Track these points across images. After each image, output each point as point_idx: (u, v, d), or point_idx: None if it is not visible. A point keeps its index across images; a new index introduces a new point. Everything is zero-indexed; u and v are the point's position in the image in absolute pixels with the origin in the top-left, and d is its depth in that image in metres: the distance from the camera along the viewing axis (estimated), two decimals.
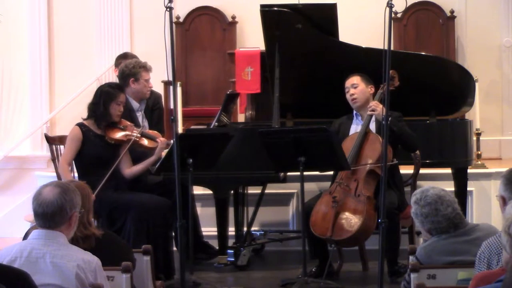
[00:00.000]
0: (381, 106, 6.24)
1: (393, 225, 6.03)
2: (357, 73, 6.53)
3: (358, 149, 6.26)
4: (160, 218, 6.23)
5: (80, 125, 6.43)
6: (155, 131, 6.70)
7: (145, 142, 6.49)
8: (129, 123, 6.50)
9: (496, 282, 3.20)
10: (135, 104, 6.83)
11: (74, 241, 4.01)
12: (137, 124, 6.64)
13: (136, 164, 6.48)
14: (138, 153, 6.53)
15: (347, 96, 6.51)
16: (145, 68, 6.83)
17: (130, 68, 6.81)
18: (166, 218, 6.28)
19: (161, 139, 6.49)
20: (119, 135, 6.41)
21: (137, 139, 6.42)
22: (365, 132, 6.33)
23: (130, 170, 6.43)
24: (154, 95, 7.20)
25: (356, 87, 6.48)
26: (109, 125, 6.40)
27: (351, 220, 6.08)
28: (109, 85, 6.60)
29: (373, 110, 6.30)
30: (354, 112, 6.55)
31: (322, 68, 7.17)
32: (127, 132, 6.42)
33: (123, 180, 6.40)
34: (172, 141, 6.00)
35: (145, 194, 6.41)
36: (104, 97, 6.38)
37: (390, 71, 6.31)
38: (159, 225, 6.22)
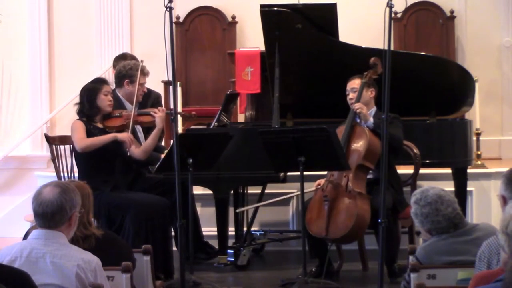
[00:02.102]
0: (365, 108, 6.24)
1: (388, 225, 5.98)
2: (359, 75, 6.49)
3: (345, 143, 6.22)
4: (159, 217, 6.21)
5: (79, 119, 6.36)
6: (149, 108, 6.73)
7: (144, 118, 6.53)
8: (122, 110, 6.52)
9: (495, 281, 3.20)
10: (128, 106, 6.73)
11: (74, 241, 4.01)
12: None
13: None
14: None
15: (348, 99, 6.49)
16: (143, 72, 6.69)
17: (127, 69, 6.74)
18: (165, 218, 6.27)
19: (158, 108, 6.50)
20: (117, 121, 6.43)
21: (136, 118, 6.44)
22: (352, 125, 6.30)
23: (140, 150, 6.40)
24: (154, 95, 7.19)
25: (356, 91, 6.45)
26: (104, 117, 6.40)
27: (344, 218, 6.04)
28: (91, 81, 6.53)
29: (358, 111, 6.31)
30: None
31: (322, 68, 7.16)
32: (124, 117, 6.44)
33: (122, 180, 6.39)
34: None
35: (144, 193, 6.40)
36: (87, 95, 6.34)
37: (373, 58, 6.33)
38: (158, 225, 6.20)
